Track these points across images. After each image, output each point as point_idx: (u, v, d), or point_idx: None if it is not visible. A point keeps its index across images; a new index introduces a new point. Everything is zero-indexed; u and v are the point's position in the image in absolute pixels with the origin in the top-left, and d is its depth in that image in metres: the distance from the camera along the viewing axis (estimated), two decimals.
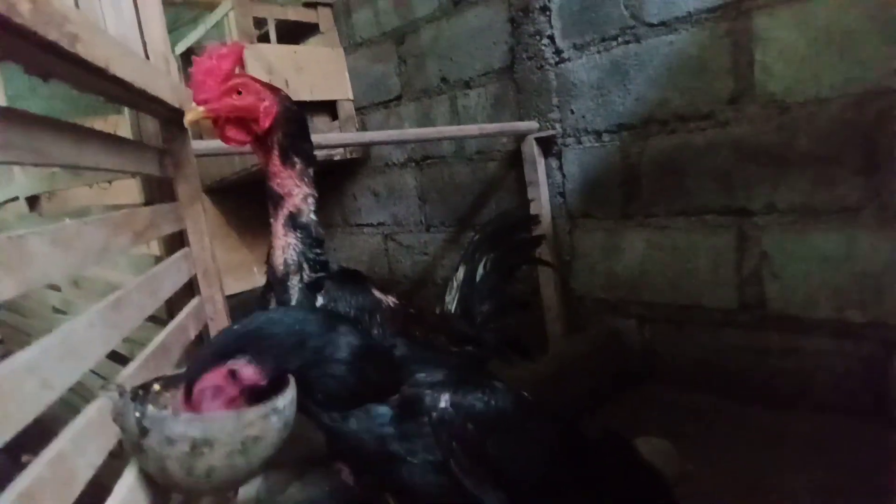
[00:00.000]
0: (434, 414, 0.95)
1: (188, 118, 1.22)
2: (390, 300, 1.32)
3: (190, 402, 0.85)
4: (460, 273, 1.56)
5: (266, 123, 1.23)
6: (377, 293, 1.31)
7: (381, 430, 0.95)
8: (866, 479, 1.46)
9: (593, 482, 1.09)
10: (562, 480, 1.05)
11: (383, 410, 0.95)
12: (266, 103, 1.23)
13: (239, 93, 1.21)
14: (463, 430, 0.95)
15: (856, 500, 1.42)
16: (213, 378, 0.85)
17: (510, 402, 1.02)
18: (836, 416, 1.75)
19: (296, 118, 1.28)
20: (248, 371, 0.88)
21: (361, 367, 0.93)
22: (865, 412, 1.73)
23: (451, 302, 1.53)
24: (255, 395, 0.91)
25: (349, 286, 1.26)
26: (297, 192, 1.26)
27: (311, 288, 1.23)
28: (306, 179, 1.27)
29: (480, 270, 1.55)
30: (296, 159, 1.26)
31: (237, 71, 1.24)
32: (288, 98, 1.28)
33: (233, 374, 0.87)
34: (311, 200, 1.28)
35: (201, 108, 1.19)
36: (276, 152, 1.25)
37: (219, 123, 1.24)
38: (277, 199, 1.27)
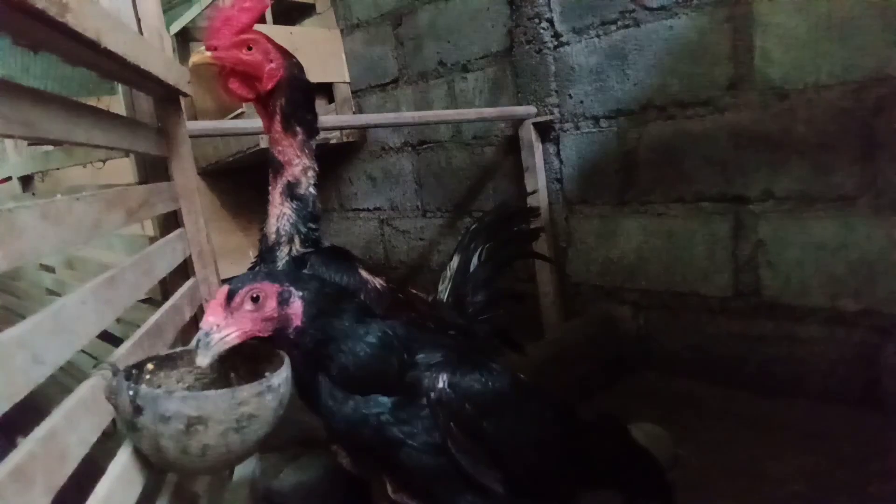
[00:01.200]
0: (432, 395, 0.96)
1: (193, 59, 1.21)
2: (378, 282, 1.30)
3: (228, 304, 0.89)
4: (454, 262, 1.54)
5: (269, 85, 1.23)
6: (364, 273, 1.29)
7: (379, 417, 0.95)
8: (857, 466, 1.48)
9: (588, 462, 1.09)
10: (557, 460, 1.06)
11: (383, 399, 0.96)
12: (272, 65, 1.23)
13: (249, 48, 1.21)
14: (461, 410, 0.95)
15: (846, 485, 1.43)
16: (265, 288, 0.90)
17: (507, 384, 1.02)
18: (829, 404, 1.76)
19: (301, 87, 1.27)
20: (296, 303, 0.92)
21: (383, 357, 0.95)
22: (857, 399, 1.75)
23: (444, 291, 1.52)
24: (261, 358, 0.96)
25: (335, 264, 1.25)
26: (296, 162, 1.26)
27: (297, 263, 1.23)
28: (307, 151, 1.27)
29: (475, 261, 1.53)
30: (297, 128, 1.25)
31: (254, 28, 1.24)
32: (298, 66, 1.28)
33: (282, 297, 0.91)
34: (310, 174, 1.27)
35: (208, 54, 1.19)
36: (278, 118, 1.25)
37: (223, 73, 1.24)
38: (277, 167, 1.26)
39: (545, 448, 1.05)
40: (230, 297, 0.90)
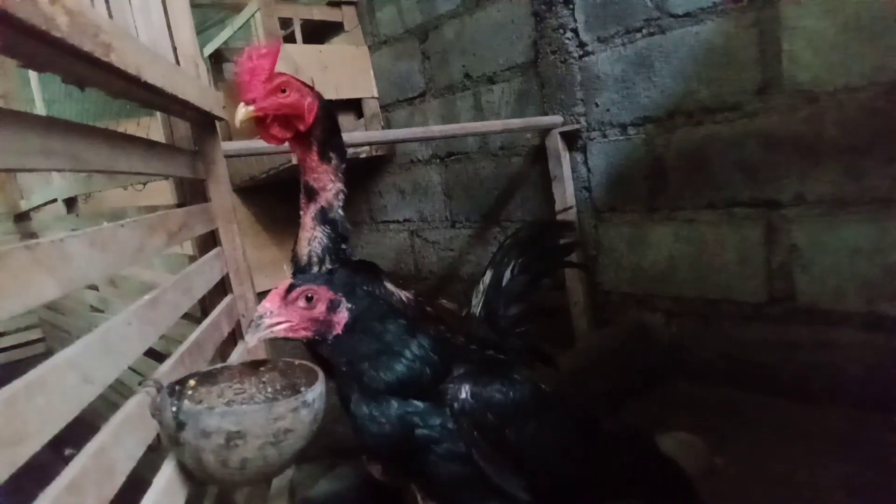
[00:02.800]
0: (456, 405, 0.99)
1: (239, 117, 1.25)
2: (404, 295, 1.34)
3: (286, 296, 0.95)
4: (487, 277, 1.54)
5: (310, 119, 1.28)
6: (390, 286, 1.33)
7: (412, 420, 0.98)
8: None
9: (611, 471, 1.10)
10: (579, 468, 1.07)
11: (417, 403, 0.99)
12: (309, 100, 1.28)
13: (283, 91, 1.26)
14: (483, 419, 0.98)
15: (887, 494, 1.40)
16: (320, 292, 0.96)
17: (528, 393, 1.05)
18: (867, 410, 1.72)
19: (332, 115, 1.33)
20: (343, 313, 0.98)
21: (419, 371, 0.99)
22: None
23: (477, 305, 1.52)
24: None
25: (360, 276, 1.29)
26: (331, 188, 1.31)
27: None
28: (340, 175, 1.32)
29: (507, 275, 1.52)
30: (332, 155, 1.31)
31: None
32: (321, 95, 1.32)
33: (332, 304, 0.97)
34: (341, 196, 1.33)
35: (251, 108, 1.24)
36: (314, 148, 1.30)
37: (265, 122, 1.29)
38: (312, 194, 1.31)
39: (567, 455, 1.07)
40: (289, 290, 0.96)
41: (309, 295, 0.96)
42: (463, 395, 0.99)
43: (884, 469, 1.47)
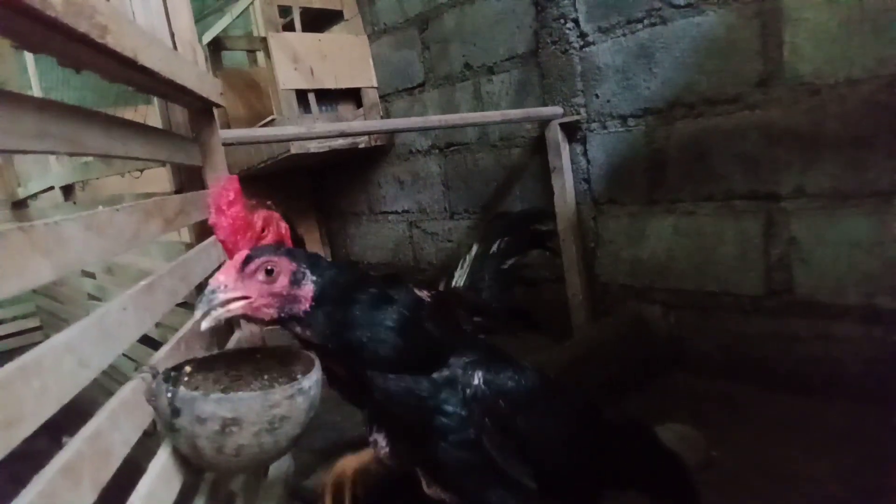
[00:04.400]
0: (468, 391, 0.99)
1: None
2: (424, 294, 1.36)
3: (243, 269, 0.90)
4: (474, 250, 1.64)
5: (290, 243, 1.28)
6: (415, 291, 1.36)
7: (426, 400, 0.98)
8: (894, 467, 1.44)
9: (612, 462, 1.11)
10: (583, 457, 1.07)
11: (428, 385, 0.99)
12: (283, 225, 1.33)
13: (264, 230, 1.29)
14: (495, 405, 0.99)
15: (883, 487, 1.40)
16: (281, 263, 0.90)
17: (538, 381, 1.05)
18: (865, 404, 1.72)
19: (289, 220, 1.37)
20: (308, 286, 0.93)
21: (407, 335, 0.98)
22: (895, 400, 1.71)
23: (462, 276, 1.60)
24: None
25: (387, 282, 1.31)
26: None
27: None
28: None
29: (494, 249, 1.62)
30: None
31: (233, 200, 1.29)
32: (270, 204, 1.35)
33: (295, 276, 0.92)
34: None
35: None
36: None
37: None
38: None
39: (572, 444, 1.07)
40: (246, 262, 0.91)
41: (269, 267, 0.90)
42: (476, 382, 0.99)
43: (881, 462, 1.48)
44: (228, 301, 0.90)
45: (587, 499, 1.11)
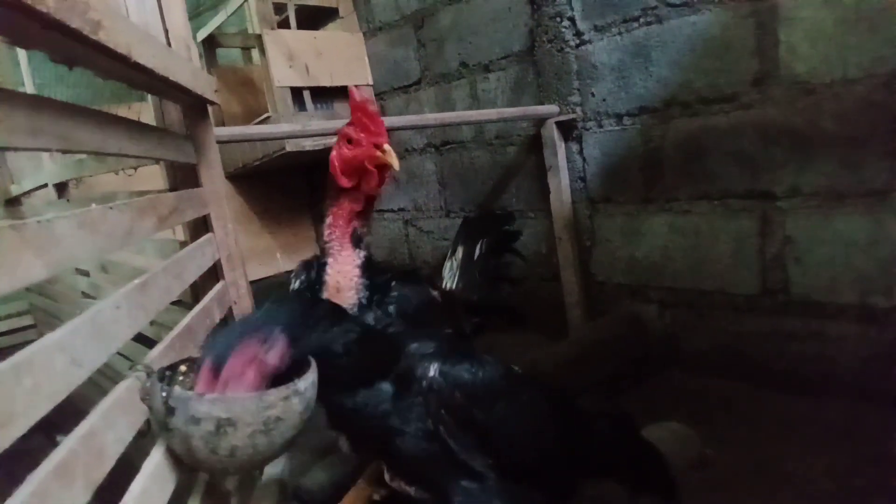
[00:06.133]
0: (424, 382, 1.00)
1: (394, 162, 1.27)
2: (437, 294, 1.39)
3: (215, 384, 0.85)
4: (459, 253, 1.69)
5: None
6: (430, 289, 1.41)
7: (383, 407, 0.99)
8: (888, 465, 1.45)
9: (585, 452, 1.11)
10: (550, 449, 1.08)
11: (386, 387, 1.00)
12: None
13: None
14: (451, 397, 0.99)
15: (876, 485, 1.41)
16: (243, 355, 0.86)
17: (498, 374, 1.06)
18: (859, 402, 1.72)
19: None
20: (277, 350, 0.89)
21: (358, 355, 0.98)
22: (889, 399, 1.71)
23: (452, 279, 1.65)
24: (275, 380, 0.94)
25: (410, 286, 1.34)
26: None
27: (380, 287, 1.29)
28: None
29: (478, 251, 1.68)
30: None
31: None
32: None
33: (259, 359, 0.88)
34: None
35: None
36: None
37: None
38: (359, 242, 1.28)
39: (537, 437, 1.07)
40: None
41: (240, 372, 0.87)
42: (431, 374, 1.00)
43: (875, 460, 1.48)
44: None
45: (561, 488, 1.11)
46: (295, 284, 1.32)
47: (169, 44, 1.33)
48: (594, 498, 1.16)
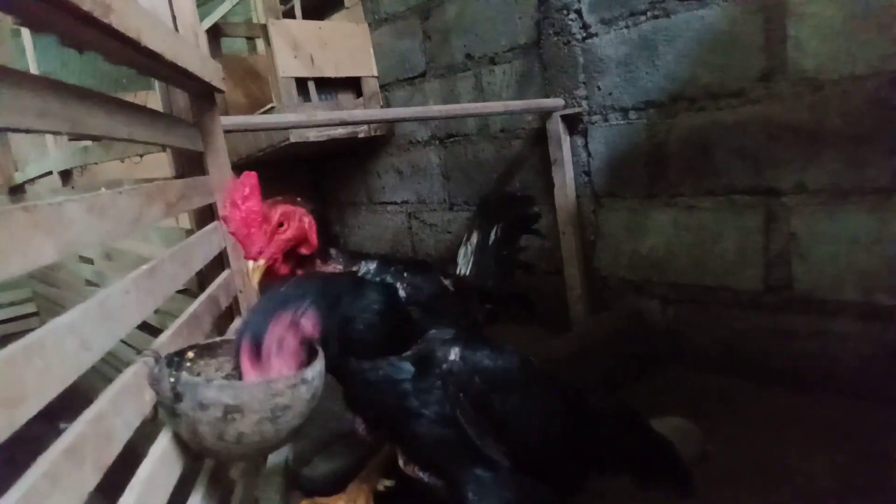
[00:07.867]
0: (444, 366, 1.00)
1: (254, 279, 1.15)
2: (448, 282, 1.40)
3: (258, 362, 0.88)
4: (474, 238, 1.68)
5: (315, 239, 1.23)
6: (441, 278, 1.40)
7: (403, 386, 1.00)
8: (888, 463, 1.45)
9: (596, 446, 1.12)
10: (561, 440, 1.08)
11: (406, 367, 1.01)
12: (307, 220, 1.22)
13: (282, 225, 1.18)
14: (470, 382, 1.00)
15: (876, 482, 1.41)
16: (278, 330, 0.90)
17: (517, 363, 1.06)
18: (861, 400, 1.73)
19: (324, 218, 1.28)
20: (309, 318, 0.93)
21: (388, 318, 1.01)
22: (891, 396, 1.71)
23: (466, 265, 1.64)
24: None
25: (420, 275, 1.33)
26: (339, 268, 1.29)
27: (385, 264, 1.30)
28: (342, 259, 1.29)
29: (493, 237, 1.67)
30: (331, 251, 1.28)
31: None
32: (304, 204, 1.26)
33: (295, 324, 0.92)
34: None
35: (261, 262, 1.15)
36: (316, 259, 1.25)
37: (275, 264, 1.20)
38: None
39: (549, 427, 1.07)
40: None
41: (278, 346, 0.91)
42: (452, 357, 1.00)
43: (875, 458, 1.48)
44: None
45: (571, 481, 1.11)
46: None
47: (177, 30, 1.33)
48: (602, 490, 1.16)
